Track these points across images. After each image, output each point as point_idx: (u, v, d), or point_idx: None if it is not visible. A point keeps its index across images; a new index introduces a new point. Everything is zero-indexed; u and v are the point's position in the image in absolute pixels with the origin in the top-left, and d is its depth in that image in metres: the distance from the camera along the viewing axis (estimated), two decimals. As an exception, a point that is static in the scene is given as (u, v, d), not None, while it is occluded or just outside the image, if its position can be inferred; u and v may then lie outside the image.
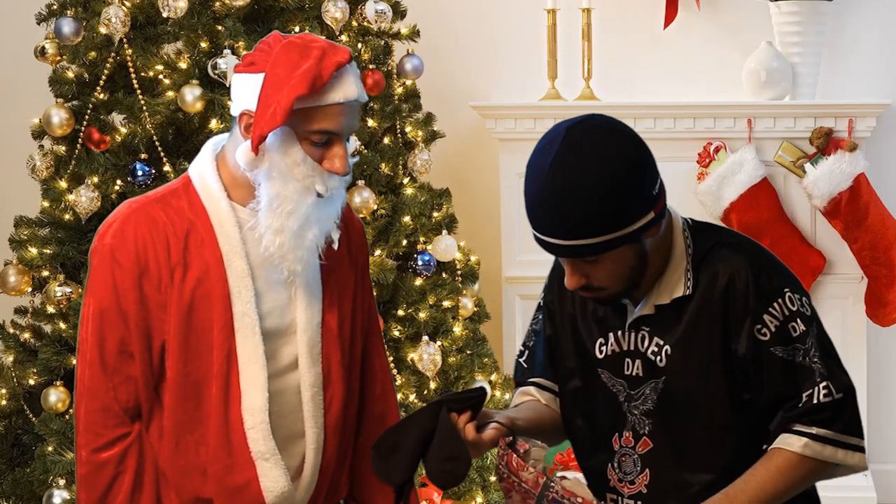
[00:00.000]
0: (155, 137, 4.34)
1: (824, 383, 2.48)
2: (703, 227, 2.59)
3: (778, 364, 2.48)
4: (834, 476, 2.59)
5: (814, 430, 2.49)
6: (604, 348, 2.60)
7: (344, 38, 4.59)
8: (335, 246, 2.67)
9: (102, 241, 2.65)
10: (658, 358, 2.53)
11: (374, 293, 4.47)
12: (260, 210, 2.59)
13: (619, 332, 2.58)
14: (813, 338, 2.51)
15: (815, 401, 2.48)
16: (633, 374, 2.56)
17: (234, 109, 2.64)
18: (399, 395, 4.51)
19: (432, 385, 4.56)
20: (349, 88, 2.58)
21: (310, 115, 2.55)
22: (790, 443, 2.49)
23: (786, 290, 2.50)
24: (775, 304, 2.48)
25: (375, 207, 4.52)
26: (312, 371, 2.68)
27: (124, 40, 4.36)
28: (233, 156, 2.64)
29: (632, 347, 2.56)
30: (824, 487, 6.10)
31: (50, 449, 4.25)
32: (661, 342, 2.52)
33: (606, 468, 2.61)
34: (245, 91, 2.59)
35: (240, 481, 2.64)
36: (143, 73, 4.38)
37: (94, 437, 2.64)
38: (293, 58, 2.53)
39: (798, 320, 2.49)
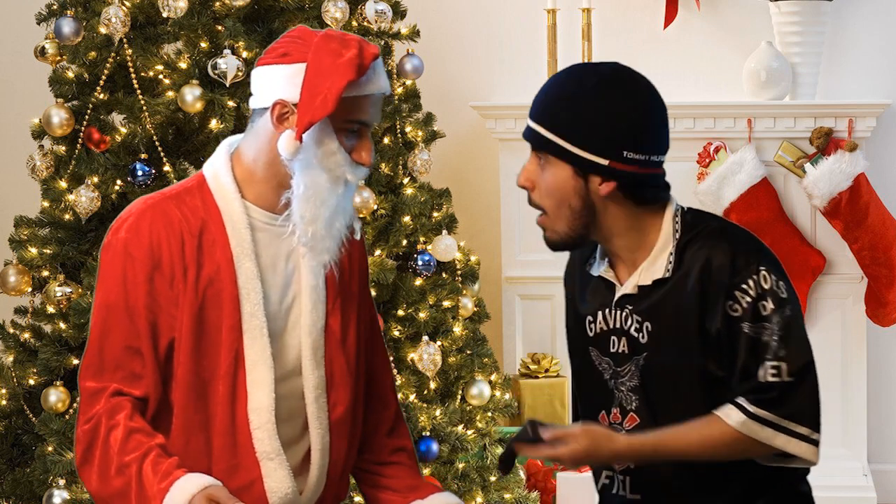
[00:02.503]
0: (155, 137, 4.34)
1: (774, 363, 2.47)
2: (697, 215, 2.61)
3: (746, 341, 2.49)
4: (785, 464, 2.54)
5: (753, 409, 2.47)
6: (593, 326, 2.63)
7: (344, 38, 4.60)
8: (357, 235, 2.73)
9: (116, 236, 2.64)
10: (640, 335, 2.55)
11: (374, 293, 4.48)
12: (294, 199, 2.61)
13: (607, 311, 2.61)
14: (780, 318, 2.49)
15: (760, 378, 2.47)
16: (619, 351, 2.59)
17: (259, 102, 2.65)
18: (399, 395, 4.51)
19: (432, 385, 4.56)
20: (383, 80, 2.64)
21: (348, 104, 2.59)
22: (729, 415, 2.48)
23: (761, 268, 2.50)
24: (749, 281, 2.49)
25: (375, 207, 4.52)
26: (316, 374, 2.68)
27: (124, 40, 4.36)
28: (250, 152, 2.66)
29: (617, 325, 2.59)
30: (825, 488, 6.13)
31: (50, 449, 4.25)
32: (641, 320, 2.55)
33: None
34: (277, 82, 2.61)
35: (244, 481, 2.64)
36: (143, 73, 4.38)
37: (87, 410, 2.64)
38: (335, 47, 2.57)
39: (769, 299, 2.49)
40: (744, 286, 2.48)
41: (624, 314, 2.58)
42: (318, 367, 2.68)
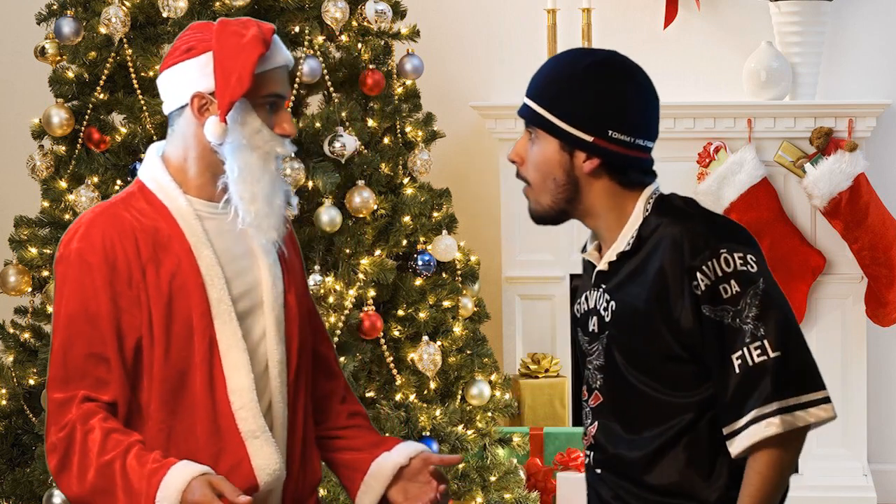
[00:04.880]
0: (155, 137, 4.34)
1: (756, 343, 2.47)
2: (669, 200, 2.63)
3: (708, 323, 2.49)
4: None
5: (774, 406, 2.47)
6: (579, 308, 2.70)
7: (344, 38, 4.59)
8: (295, 210, 2.79)
9: (69, 248, 2.68)
10: (606, 313, 2.60)
11: (374, 293, 4.49)
12: (230, 183, 2.68)
13: (588, 291, 2.67)
14: (749, 298, 2.49)
15: (749, 362, 2.47)
16: (592, 330, 2.64)
17: (174, 103, 2.73)
18: (399, 395, 4.51)
19: (432, 385, 4.56)
20: (285, 52, 2.73)
21: (261, 80, 2.67)
22: (768, 427, 2.47)
23: (722, 250, 2.50)
24: (709, 264, 2.49)
25: (375, 207, 4.52)
26: (279, 349, 2.75)
27: (124, 40, 4.37)
28: (178, 151, 2.73)
29: (593, 305, 2.65)
30: (825, 488, 6.12)
31: (50, 449, 4.26)
32: (608, 297, 2.60)
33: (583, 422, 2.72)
34: (188, 77, 2.69)
35: (230, 464, 2.67)
36: (143, 73, 4.38)
37: (58, 420, 2.65)
38: (236, 29, 2.67)
39: (732, 281, 2.49)
40: (704, 268, 2.50)
41: (597, 293, 2.64)
42: (281, 343, 2.75)
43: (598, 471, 2.64)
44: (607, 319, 2.59)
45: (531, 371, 5.41)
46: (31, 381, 4.40)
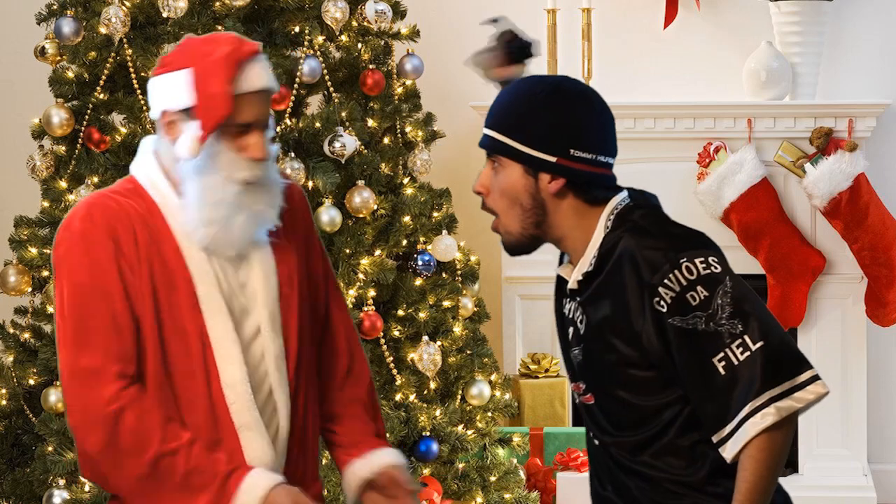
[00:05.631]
0: (155, 137, 4.34)
1: (738, 341, 2.49)
2: (627, 213, 2.63)
3: (679, 335, 2.51)
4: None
5: (766, 396, 2.48)
6: (562, 310, 2.75)
7: (344, 38, 4.59)
8: (277, 225, 2.75)
9: (70, 230, 2.66)
10: (582, 326, 2.64)
11: (374, 293, 4.49)
12: (188, 205, 2.67)
13: (565, 301, 2.72)
14: (720, 299, 2.50)
15: (735, 362, 2.48)
16: (571, 339, 2.70)
17: (154, 113, 2.73)
18: (399, 395, 4.51)
19: (432, 385, 4.56)
20: (264, 76, 2.67)
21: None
22: (765, 418, 2.48)
23: (682, 260, 2.51)
24: (671, 276, 2.51)
25: (375, 207, 4.52)
26: (276, 342, 2.74)
27: (124, 40, 4.37)
28: (166, 156, 2.73)
29: (570, 315, 2.69)
30: (825, 488, 6.12)
31: (50, 449, 4.26)
32: (580, 312, 2.65)
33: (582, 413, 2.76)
34: (160, 92, 2.69)
35: (227, 452, 2.67)
36: (143, 73, 4.38)
37: (92, 388, 2.62)
38: (207, 49, 2.64)
39: (698, 287, 2.50)
40: (667, 282, 2.51)
41: (571, 306, 2.69)
42: (278, 336, 2.75)
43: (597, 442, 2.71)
44: (581, 332, 2.65)
45: (531, 371, 5.41)
46: (31, 381, 4.40)
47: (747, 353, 2.48)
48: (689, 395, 2.54)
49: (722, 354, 2.49)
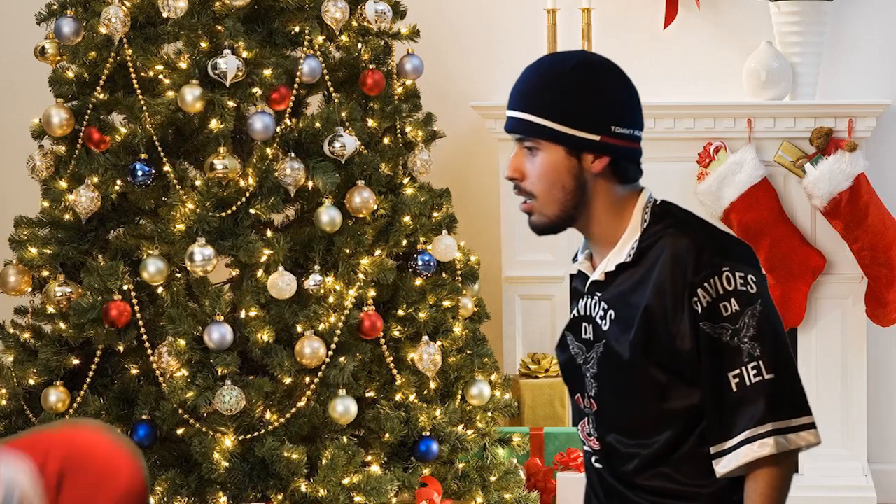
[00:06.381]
0: (155, 137, 4.35)
1: (753, 363, 2.48)
2: (667, 208, 2.63)
3: (706, 339, 2.50)
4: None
5: (769, 427, 2.48)
6: (572, 312, 2.71)
7: (344, 38, 4.59)
8: None
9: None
10: (604, 322, 2.60)
11: (374, 293, 4.48)
12: None
13: (581, 300, 2.68)
14: (747, 318, 2.50)
15: (747, 382, 2.48)
16: (587, 338, 2.64)
17: None
18: (399, 395, 4.51)
19: (432, 385, 4.56)
20: None
21: None
22: (763, 447, 2.48)
23: (724, 268, 2.50)
24: (711, 281, 2.50)
25: (375, 207, 4.52)
26: None
27: (124, 40, 4.37)
28: None
29: (588, 312, 2.65)
30: (825, 488, 6.10)
31: (50, 449, 4.25)
32: (606, 307, 2.60)
33: (580, 426, 2.70)
34: None
35: None
36: (143, 73, 4.38)
37: None
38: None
39: (732, 300, 2.49)
40: (706, 285, 2.50)
41: (593, 301, 2.64)
42: None
43: (598, 466, 2.65)
44: (604, 328, 2.60)
45: (531, 371, 5.41)
46: (31, 381, 4.40)
47: (759, 378, 2.48)
48: (703, 401, 2.53)
49: (738, 371, 2.49)
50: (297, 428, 4.33)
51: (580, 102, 2.56)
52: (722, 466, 2.51)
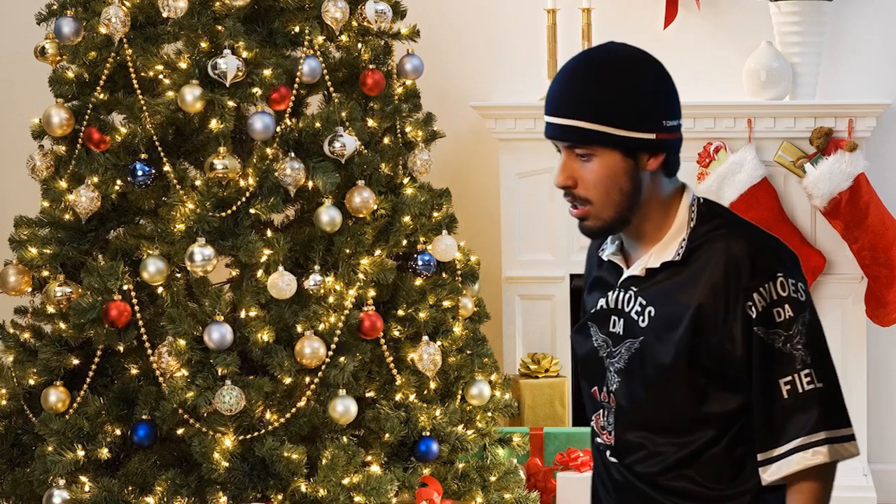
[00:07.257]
0: (155, 137, 4.34)
1: (806, 370, 2.47)
2: (713, 207, 2.60)
3: (758, 344, 2.48)
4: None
5: (823, 435, 2.47)
6: (600, 304, 2.65)
7: (344, 38, 4.59)
8: None
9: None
10: (640, 318, 2.56)
11: (374, 293, 4.48)
12: None
13: (611, 292, 2.62)
14: (800, 325, 2.48)
15: (799, 389, 2.46)
16: (615, 331, 2.60)
17: None
18: (399, 395, 4.51)
19: (432, 385, 4.56)
20: None
21: None
22: (816, 455, 2.48)
23: (779, 274, 2.49)
24: (767, 286, 2.47)
25: (375, 207, 4.52)
26: None
27: (124, 40, 4.37)
28: None
29: (619, 306, 2.60)
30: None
31: (50, 449, 4.25)
32: (645, 304, 2.56)
33: (594, 418, 2.67)
34: None
35: None
36: (143, 73, 4.38)
37: None
38: None
39: (786, 306, 2.48)
40: (762, 289, 2.47)
41: (627, 296, 2.59)
42: None
43: (613, 460, 2.62)
44: (642, 325, 2.55)
45: (531, 371, 5.41)
46: (31, 381, 4.40)
47: (812, 387, 2.47)
48: (751, 405, 2.51)
49: (790, 378, 2.47)
50: (297, 428, 4.33)
51: (630, 102, 2.50)
52: (770, 474, 2.49)
